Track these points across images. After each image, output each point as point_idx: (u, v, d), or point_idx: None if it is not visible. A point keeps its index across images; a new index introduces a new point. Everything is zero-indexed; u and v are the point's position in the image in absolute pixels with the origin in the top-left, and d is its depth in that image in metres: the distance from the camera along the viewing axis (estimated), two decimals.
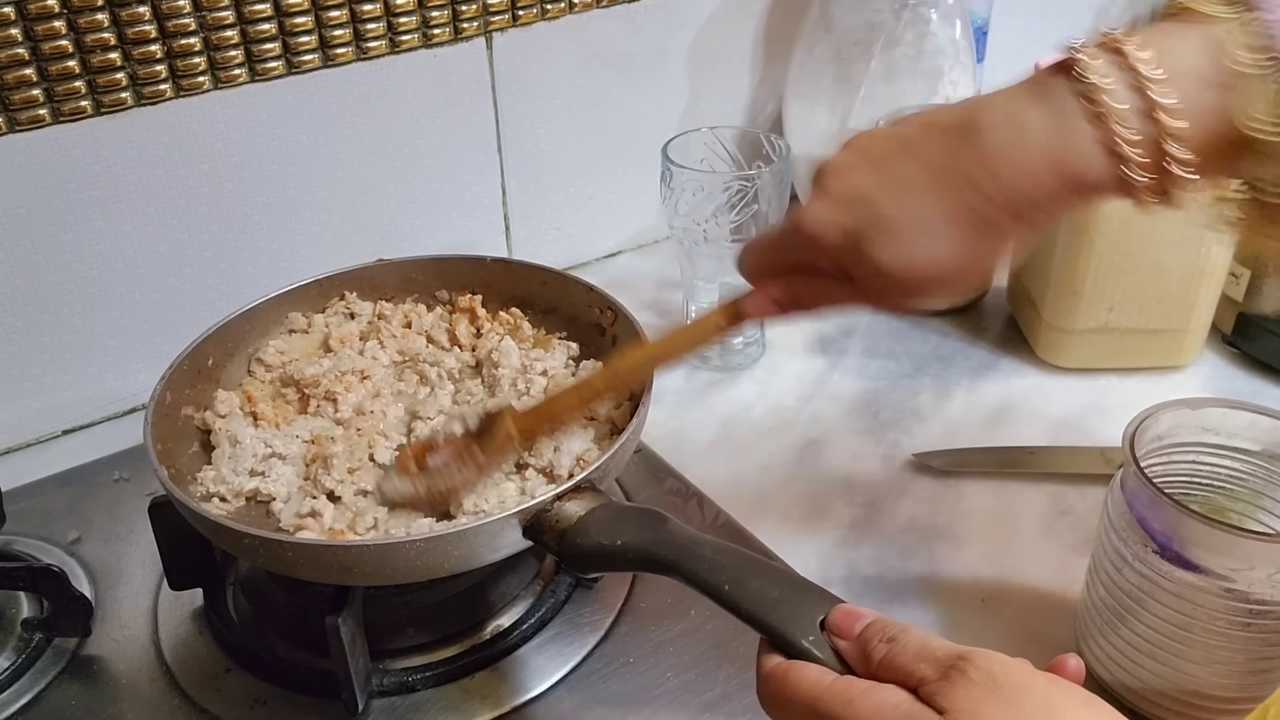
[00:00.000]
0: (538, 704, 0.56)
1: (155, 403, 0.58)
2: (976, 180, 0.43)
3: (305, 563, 0.51)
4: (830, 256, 0.48)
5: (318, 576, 0.52)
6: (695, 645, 0.59)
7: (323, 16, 0.75)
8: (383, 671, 0.57)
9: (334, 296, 0.71)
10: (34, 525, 0.68)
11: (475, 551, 0.51)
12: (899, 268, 0.46)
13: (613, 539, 0.48)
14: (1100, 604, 0.55)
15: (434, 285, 0.72)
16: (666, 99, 0.95)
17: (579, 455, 0.58)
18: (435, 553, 0.50)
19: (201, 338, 0.63)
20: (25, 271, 0.72)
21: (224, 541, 0.53)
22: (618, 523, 0.50)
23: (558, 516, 0.50)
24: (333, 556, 0.50)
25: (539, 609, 0.61)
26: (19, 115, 0.68)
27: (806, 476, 0.72)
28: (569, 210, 0.95)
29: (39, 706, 0.57)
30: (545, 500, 0.50)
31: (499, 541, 0.51)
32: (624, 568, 0.49)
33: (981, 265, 0.46)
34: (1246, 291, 0.80)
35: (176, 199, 0.76)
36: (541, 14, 0.84)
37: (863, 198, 0.46)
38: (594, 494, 0.52)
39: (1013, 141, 0.43)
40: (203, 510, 0.52)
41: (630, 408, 0.60)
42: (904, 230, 0.45)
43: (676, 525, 0.48)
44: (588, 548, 0.49)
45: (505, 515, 0.50)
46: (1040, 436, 0.75)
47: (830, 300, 0.51)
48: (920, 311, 0.47)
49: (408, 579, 0.52)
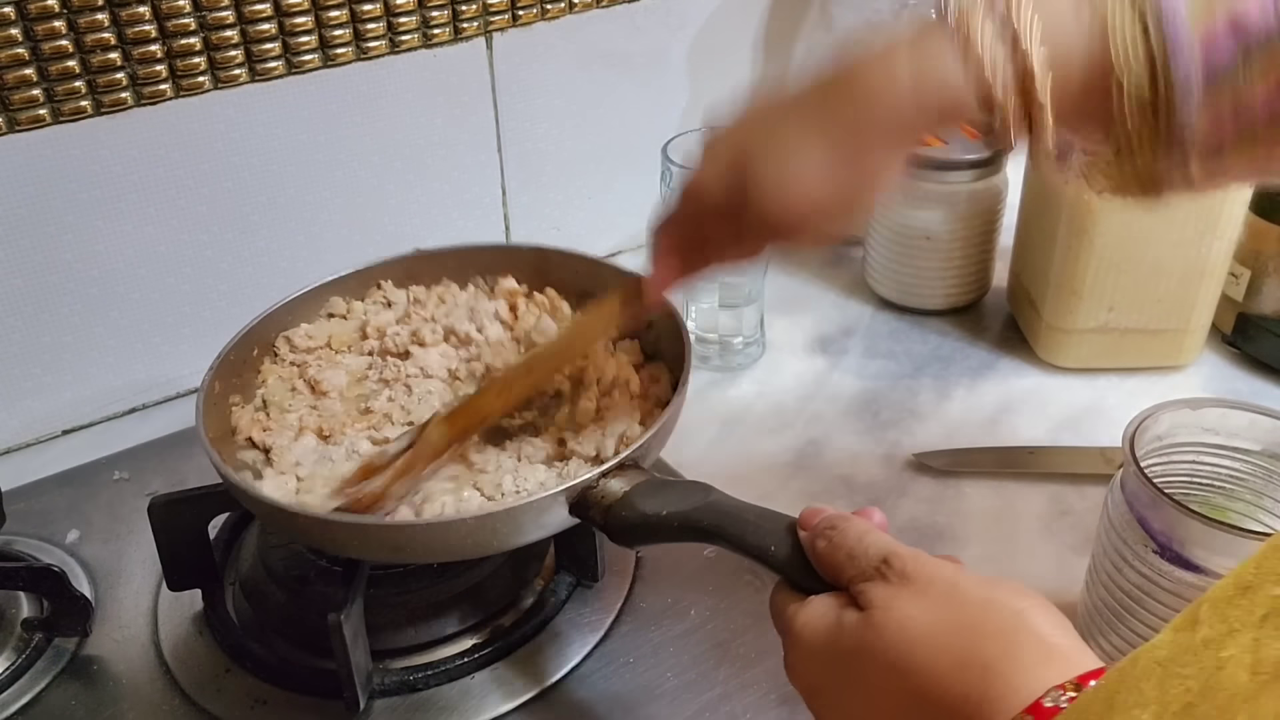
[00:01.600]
0: (538, 704, 0.56)
1: (205, 393, 0.59)
2: (848, 113, 0.46)
3: (358, 543, 0.53)
4: (718, 212, 0.50)
5: (369, 555, 0.54)
6: (695, 645, 0.59)
7: (323, 16, 0.75)
8: (383, 671, 0.57)
9: (372, 286, 0.71)
10: (34, 525, 0.68)
11: (524, 529, 0.52)
12: (782, 199, 0.48)
13: (658, 510, 0.50)
14: (1100, 604, 0.55)
15: (469, 273, 0.72)
16: (666, 99, 0.95)
17: (622, 434, 0.59)
18: (485, 530, 0.51)
19: (245, 329, 0.64)
20: (25, 271, 0.72)
21: (277, 524, 0.55)
22: (662, 495, 0.51)
23: (603, 493, 0.51)
24: (386, 535, 0.52)
25: (539, 609, 0.61)
26: (19, 115, 0.68)
27: (806, 476, 0.73)
28: (569, 210, 0.95)
29: (39, 706, 0.57)
30: (591, 478, 0.52)
31: (546, 519, 0.52)
32: (669, 538, 0.50)
33: (857, 194, 0.49)
34: (1246, 291, 0.80)
35: (176, 199, 0.76)
36: (541, 14, 0.85)
37: (740, 152, 0.49)
38: (637, 470, 0.53)
39: (882, 76, 0.45)
40: (258, 493, 0.53)
41: (672, 385, 0.61)
42: (783, 165, 0.48)
43: (719, 494, 0.50)
44: (634, 520, 0.50)
45: (553, 493, 0.51)
46: (1040, 436, 0.75)
47: (722, 255, 0.53)
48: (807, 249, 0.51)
49: (458, 556, 0.55)
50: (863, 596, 0.40)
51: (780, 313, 0.89)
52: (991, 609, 0.37)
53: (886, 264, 0.89)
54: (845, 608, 0.40)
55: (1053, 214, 0.78)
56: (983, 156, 0.82)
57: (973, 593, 0.38)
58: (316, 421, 0.62)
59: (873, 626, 0.38)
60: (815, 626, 0.41)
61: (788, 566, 0.45)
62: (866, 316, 0.90)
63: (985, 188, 0.84)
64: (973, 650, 0.36)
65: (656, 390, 0.63)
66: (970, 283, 0.88)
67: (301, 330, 0.67)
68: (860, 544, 0.41)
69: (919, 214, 0.84)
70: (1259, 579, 0.26)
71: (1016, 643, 0.36)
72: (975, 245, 0.86)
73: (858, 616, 0.39)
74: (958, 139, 0.84)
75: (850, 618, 0.40)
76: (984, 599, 0.38)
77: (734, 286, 0.80)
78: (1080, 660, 0.36)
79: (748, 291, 0.81)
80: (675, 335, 0.62)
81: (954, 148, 0.83)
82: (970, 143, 0.84)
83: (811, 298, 0.92)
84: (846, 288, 0.93)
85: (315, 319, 0.69)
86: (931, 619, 0.38)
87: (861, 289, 0.92)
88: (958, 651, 0.36)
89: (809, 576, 0.43)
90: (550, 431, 0.61)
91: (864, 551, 0.41)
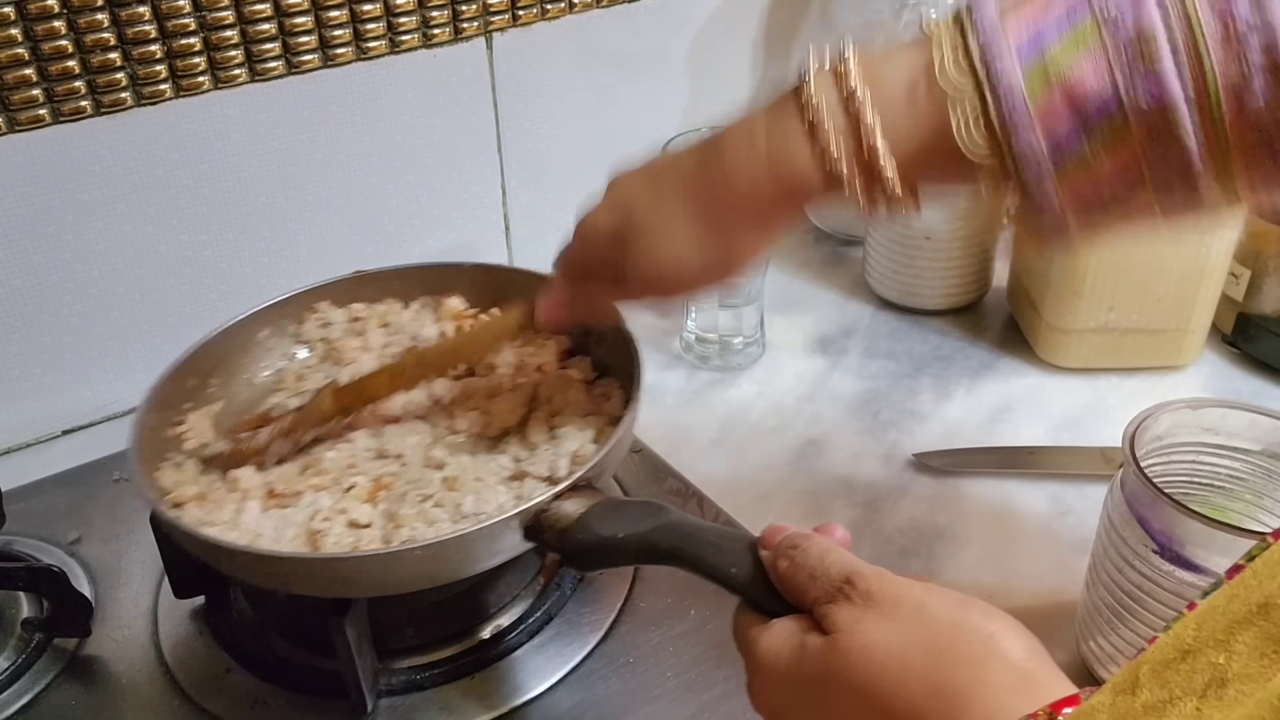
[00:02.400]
0: (538, 704, 0.56)
1: (139, 428, 0.57)
2: (714, 187, 0.48)
3: (302, 577, 0.50)
4: (601, 255, 0.52)
5: (317, 591, 0.51)
6: (695, 645, 0.59)
7: (323, 16, 0.75)
8: (386, 671, 0.57)
9: (311, 309, 0.70)
10: (34, 525, 0.68)
11: (476, 556, 0.51)
12: (653, 265, 0.50)
13: (614, 532, 0.48)
14: (1100, 604, 0.55)
15: (413, 293, 0.72)
16: (666, 99, 0.95)
17: (574, 453, 0.58)
18: (435, 560, 0.49)
19: (180, 360, 0.63)
20: (25, 271, 0.72)
21: (217, 560, 0.52)
22: (618, 516, 0.49)
23: (557, 516, 0.50)
24: (331, 570, 0.50)
25: (539, 608, 0.61)
26: (19, 115, 0.68)
27: (806, 476, 0.73)
28: (569, 210, 0.94)
29: (39, 706, 0.57)
30: (544, 500, 0.50)
31: (499, 545, 0.51)
32: (627, 561, 0.49)
33: (727, 263, 0.50)
34: (1246, 291, 0.80)
35: (176, 199, 0.76)
36: (541, 14, 0.84)
37: (628, 204, 0.51)
38: (591, 491, 0.52)
39: (744, 152, 0.47)
40: (193, 530, 0.51)
41: (625, 400, 0.60)
42: (656, 232, 0.50)
43: (677, 514, 0.48)
44: (590, 543, 0.49)
45: (505, 518, 0.49)
46: (1040, 436, 0.75)
47: (605, 301, 0.56)
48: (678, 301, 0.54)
49: (411, 588, 0.51)
50: (826, 619, 0.38)
51: (780, 313, 0.89)
52: (961, 632, 0.36)
53: (886, 264, 0.89)
54: (809, 631, 0.39)
55: None
56: None
57: (942, 615, 0.37)
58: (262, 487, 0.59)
59: (837, 651, 0.37)
60: (778, 651, 0.40)
61: (749, 589, 0.43)
62: (866, 316, 0.90)
63: None
64: (943, 677, 0.35)
65: (610, 407, 0.62)
66: (970, 283, 0.88)
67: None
68: (822, 564, 0.40)
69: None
70: (1198, 644, 0.25)
71: (988, 668, 0.35)
72: (975, 245, 0.86)
73: (821, 641, 0.38)
74: None
75: (814, 642, 0.38)
76: (953, 622, 0.37)
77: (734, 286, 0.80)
78: (1052, 686, 0.35)
79: (748, 291, 0.81)
80: (626, 351, 0.61)
81: None
82: None
83: (811, 298, 0.92)
84: (846, 288, 0.93)
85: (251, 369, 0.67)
86: (899, 642, 0.36)
87: (861, 289, 0.92)
88: (927, 678, 0.35)
89: (772, 598, 0.42)
90: (509, 450, 0.60)
91: (825, 571, 0.39)
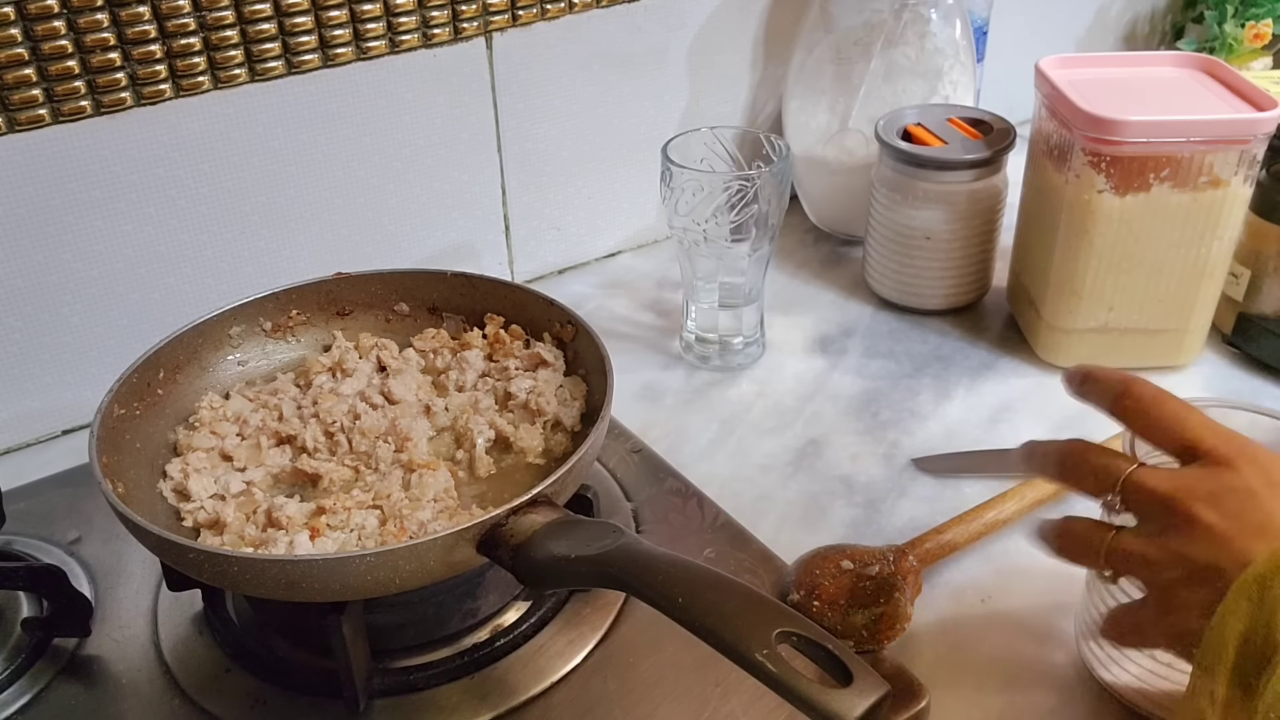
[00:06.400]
0: (538, 704, 0.56)
1: (102, 416, 0.57)
2: None
3: (251, 578, 0.50)
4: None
5: (265, 592, 0.51)
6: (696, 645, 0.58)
7: (322, 16, 0.75)
8: (383, 671, 0.57)
9: (290, 309, 0.70)
10: (34, 525, 0.68)
11: (428, 567, 0.50)
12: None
13: (566, 553, 0.47)
14: (1100, 604, 0.55)
15: (393, 299, 0.71)
16: (666, 99, 0.95)
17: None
18: (385, 568, 0.48)
19: (151, 351, 0.63)
20: (25, 271, 0.72)
21: (169, 556, 0.52)
22: (572, 536, 0.48)
23: (513, 531, 0.49)
24: (279, 571, 0.49)
25: (539, 608, 0.61)
26: (19, 115, 0.68)
27: (806, 476, 0.73)
28: (569, 210, 0.95)
29: (39, 706, 0.57)
30: (500, 515, 0.49)
31: (453, 557, 0.50)
32: (578, 583, 0.48)
33: None
34: (1246, 291, 0.80)
35: (176, 199, 0.76)
36: (541, 14, 0.85)
37: (1267, 529, 0.44)
38: (550, 508, 0.51)
39: None
40: (146, 524, 0.51)
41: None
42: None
43: (631, 538, 0.47)
44: (541, 561, 0.48)
45: (457, 530, 0.49)
46: (1040, 436, 0.75)
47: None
48: None
49: (358, 595, 0.51)
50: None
51: (780, 313, 0.89)
52: None
53: (886, 264, 0.89)
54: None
55: (1052, 214, 0.78)
56: (983, 156, 0.82)
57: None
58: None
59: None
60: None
61: (693, 619, 0.42)
62: (866, 316, 0.90)
63: (985, 188, 0.84)
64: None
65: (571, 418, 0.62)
66: (970, 283, 0.88)
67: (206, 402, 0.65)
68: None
69: (919, 214, 0.84)
70: None
71: None
72: (975, 245, 0.86)
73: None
74: (958, 138, 0.84)
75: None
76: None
77: (734, 286, 0.80)
78: None
79: (748, 291, 0.81)
80: (601, 368, 0.61)
81: (954, 148, 0.83)
82: (970, 142, 0.84)
83: (811, 298, 0.92)
84: (846, 288, 0.93)
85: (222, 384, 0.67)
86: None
87: (861, 289, 0.92)
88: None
89: (718, 629, 0.42)
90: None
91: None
